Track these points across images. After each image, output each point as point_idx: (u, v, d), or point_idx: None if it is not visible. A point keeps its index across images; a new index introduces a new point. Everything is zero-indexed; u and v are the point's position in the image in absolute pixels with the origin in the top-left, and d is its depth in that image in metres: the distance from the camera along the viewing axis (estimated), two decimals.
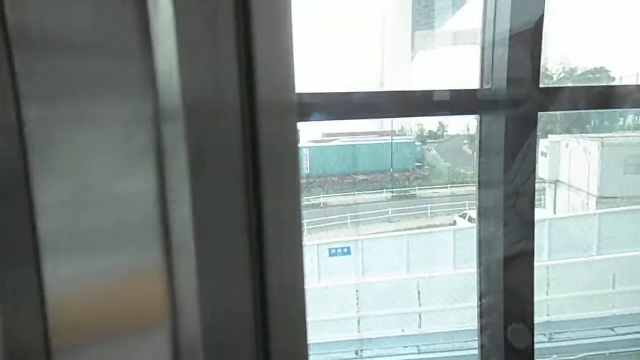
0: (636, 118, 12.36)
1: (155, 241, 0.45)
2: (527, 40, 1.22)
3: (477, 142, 1.35)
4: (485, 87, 1.30)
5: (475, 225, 1.45)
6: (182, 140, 0.46)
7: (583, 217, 6.86)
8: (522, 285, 1.40)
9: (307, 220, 10.60)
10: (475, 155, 1.29)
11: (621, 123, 12.28)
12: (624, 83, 12.17)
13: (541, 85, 1.29)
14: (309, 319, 0.53)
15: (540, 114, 1.32)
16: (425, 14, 13.69)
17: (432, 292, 5.49)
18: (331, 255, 6.94)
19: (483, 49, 1.29)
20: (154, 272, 0.45)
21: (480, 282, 1.46)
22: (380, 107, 1.21)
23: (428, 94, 1.21)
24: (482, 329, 1.44)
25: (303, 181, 10.05)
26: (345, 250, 6.85)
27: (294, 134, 0.52)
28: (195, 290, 0.47)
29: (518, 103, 1.27)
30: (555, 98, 1.29)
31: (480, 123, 1.35)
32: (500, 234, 1.36)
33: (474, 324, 1.53)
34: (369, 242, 6.86)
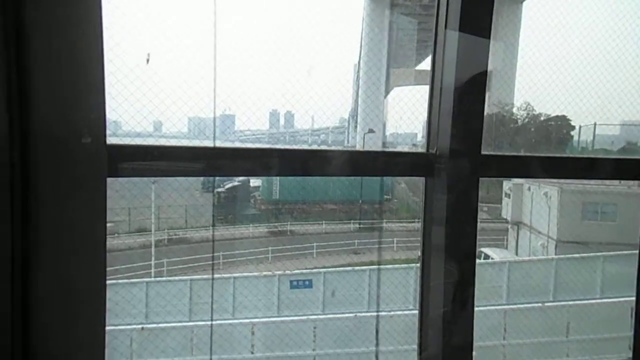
0: None
1: None
2: (471, 108, 1.25)
3: (422, 204, 1.35)
4: (430, 151, 1.32)
5: None
6: None
7: (541, 262, 7.02)
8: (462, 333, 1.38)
9: (272, 248, 10.45)
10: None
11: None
12: (582, 132, 12.71)
13: (504, 131, 1.30)
14: (267, 354, 0.54)
15: None
16: (402, 52, 14.09)
17: (391, 331, 5.44)
18: (292, 287, 6.84)
19: (430, 115, 1.31)
20: None
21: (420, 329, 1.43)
22: (330, 165, 1.20)
23: (375, 155, 1.21)
24: None
25: (271, 207, 9.90)
26: (307, 282, 6.77)
27: None
28: None
29: (460, 168, 1.29)
30: (496, 165, 1.31)
31: (425, 186, 1.36)
32: (445, 287, 1.34)
33: None
34: (330, 275, 6.79)
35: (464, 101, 1.28)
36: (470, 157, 1.29)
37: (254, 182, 13.03)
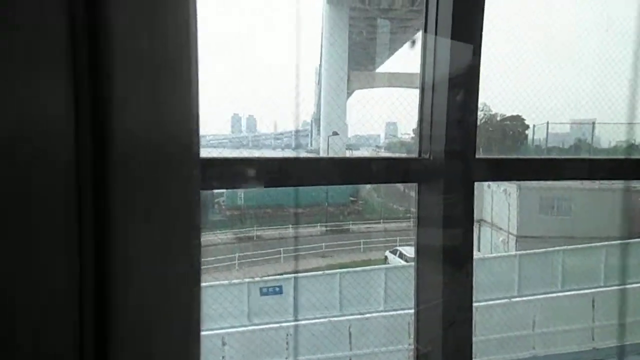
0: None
1: None
2: (464, 112, 1.23)
3: (416, 210, 1.32)
4: (423, 156, 1.29)
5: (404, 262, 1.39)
6: None
7: (505, 258, 7.23)
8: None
9: (240, 254, 10.26)
10: (413, 223, 1.27)
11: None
12: (536, 131, 13.28)
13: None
14: None
15: None
16: (362, 55, 14.21)
17: (365, 333, 5.44)
18: (262, 294, 6.72)
19: (421, 120, 1.28)
20: None
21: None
22: (318, 173, 1.15)
23: (367, 161, 1.17)
24: None
25: (237, 212, 9.71)
26: (277, 289, 6.66)
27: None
28: None
29: (455, 173, 1.26)
30: (490, 168, 1.30)
31: (418, 192, 1.32)
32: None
33: None
34: (301, 280, 6.72)
35: (457, 104, 1.26)
36: (465, 161, 1.27)
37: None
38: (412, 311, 1.46)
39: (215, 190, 12.92)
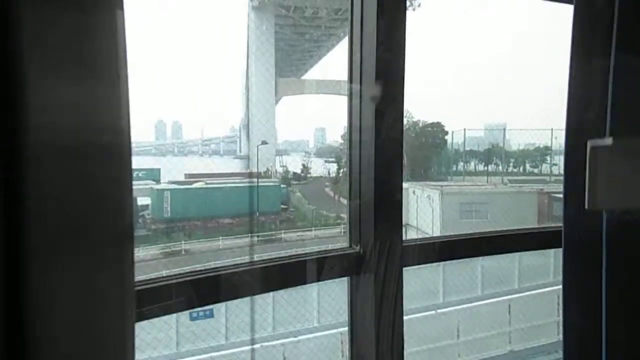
0: (465, 165, 14.36)
1: None
2: (391, 197, 1.25)
3: (347, 303, 1.31)
4: (353, 247, 1.28)
5: None
6: None
7: (430, 266, 7.57)
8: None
9: (167, 271, 9.81)
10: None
11: (455, 169, 14.15)
12: (454, 136, 14.03)
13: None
14: None
15: None
16: (288, 62, 14.18)
17: (299, 356, 5.42)
18: (192, 319, 6.46)
19: (350, 212, 1.27)
20: None
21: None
22: (252, 282, 1.09)
23: (301, 262, 1.14)
24: None
25: (163, 226, 9.23)
26: (208, 312, 6.44)
27: None
28: None
29: (385, 262, 1.27)
30: (417, 253, 1.33)
31: (351, 285, 1.31)
32: None
33: None
34: (232, 303, 6.55)
35: (384, 189, 1.27)
36: (393, 249, 1.29)
37: (142, 200, 12.08)
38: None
39: (140, 203, 12.23)
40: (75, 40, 0.46)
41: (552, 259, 6.62)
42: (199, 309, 6.55)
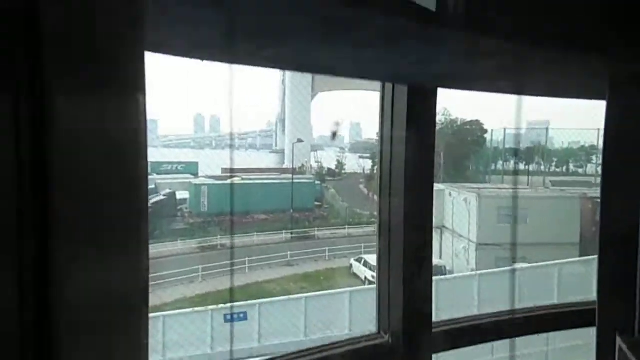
0: (505, 165, 13.91)
1: None
2: (421, 288, 1.23)
3: None
4: (382, 335, 1.28)
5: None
6: None
7: (466, 278, 7.46)
8: None
9: (202, 266, 10.08)
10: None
11: (494, 168, 13.72)
12: (494, 135, 13.54)
13: None
14: None
15: None
16: None
17: None
18: (226, 321, 6.64)
19: (379, 295, 1.26)
20: None
21: None
22: None
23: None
24: None
25: (200, 220, 9.40)
26: (242, 315, 6.60)
27: None
28: None
29: (414, 352, 1.26)
30: (447, 337, 1.31)
31: None
32: None
33: None
34: (265, 306, 6.69)
35: (412, 281, 1.25)
36: (423, 338, 1.28)
37: (181, 194, 12.42)
38: None
39: (179, 197, 12.57)
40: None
41: None
42: (234, 311, 6.73)
